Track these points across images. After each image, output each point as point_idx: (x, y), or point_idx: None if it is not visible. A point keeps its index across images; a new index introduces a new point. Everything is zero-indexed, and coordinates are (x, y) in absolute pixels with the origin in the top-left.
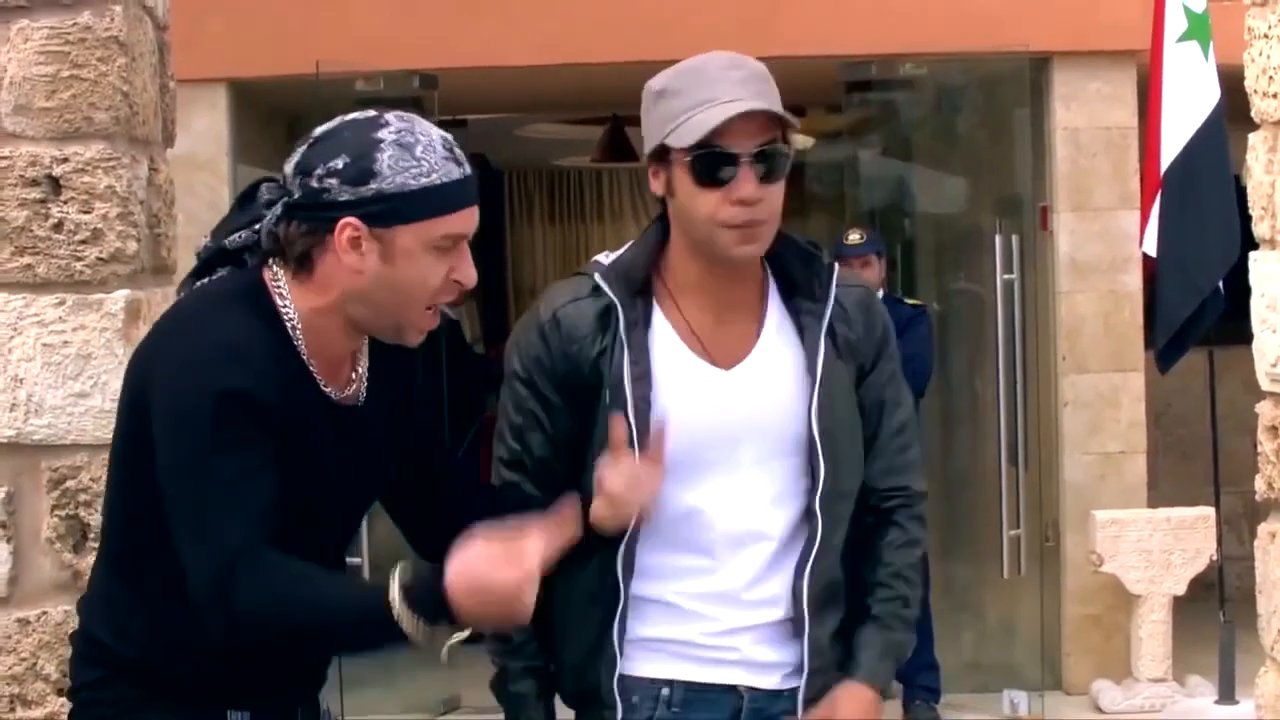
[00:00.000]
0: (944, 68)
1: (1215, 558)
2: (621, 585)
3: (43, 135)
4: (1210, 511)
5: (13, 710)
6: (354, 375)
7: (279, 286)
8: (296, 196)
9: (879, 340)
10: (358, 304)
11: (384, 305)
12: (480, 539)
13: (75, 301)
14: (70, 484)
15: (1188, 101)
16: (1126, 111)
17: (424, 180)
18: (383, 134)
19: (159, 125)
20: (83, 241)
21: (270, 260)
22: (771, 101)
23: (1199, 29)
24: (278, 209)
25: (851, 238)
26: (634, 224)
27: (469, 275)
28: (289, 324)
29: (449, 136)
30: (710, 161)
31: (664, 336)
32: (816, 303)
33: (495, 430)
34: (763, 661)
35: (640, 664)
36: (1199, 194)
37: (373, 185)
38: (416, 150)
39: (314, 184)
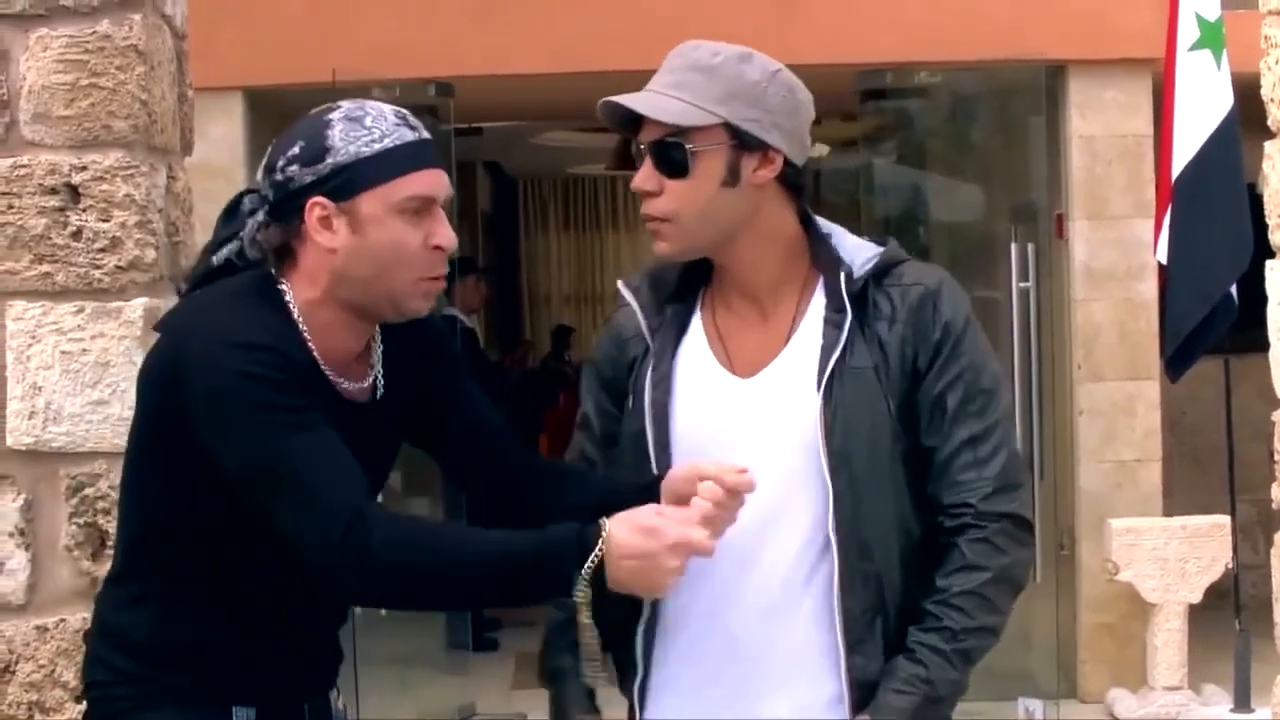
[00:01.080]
0: (959, 76)
1: (1231, 566)
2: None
3: (61, 143)
4: (1226, 520)
5: (31, 717)
6: (367, 371)
7: (282, 286)
8: (271, 197)
9: (935, 343)
10: (345, 285)
11: (368, 280)
12: (645, 509)
13: (94, 309)
14: (88, 491)
15: (1199, 110)
16: (1142, 120)
17: (376, 146)
18: (332, 115)
19: (177, 133)
20: (101, 250)
21: (271, 268)
22: (689, 95)
23: (1212, 37)
24: (259, 216)
25: None
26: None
27: (447, 238)
28: (297, 319)
29: (402, 109)
30: (634, 151)
31: (694, 342)
32: (839, 311)
33: None
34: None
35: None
36: (1210, 202)
37: (329, 160)
38: (366, 121)
39: (279, 177)
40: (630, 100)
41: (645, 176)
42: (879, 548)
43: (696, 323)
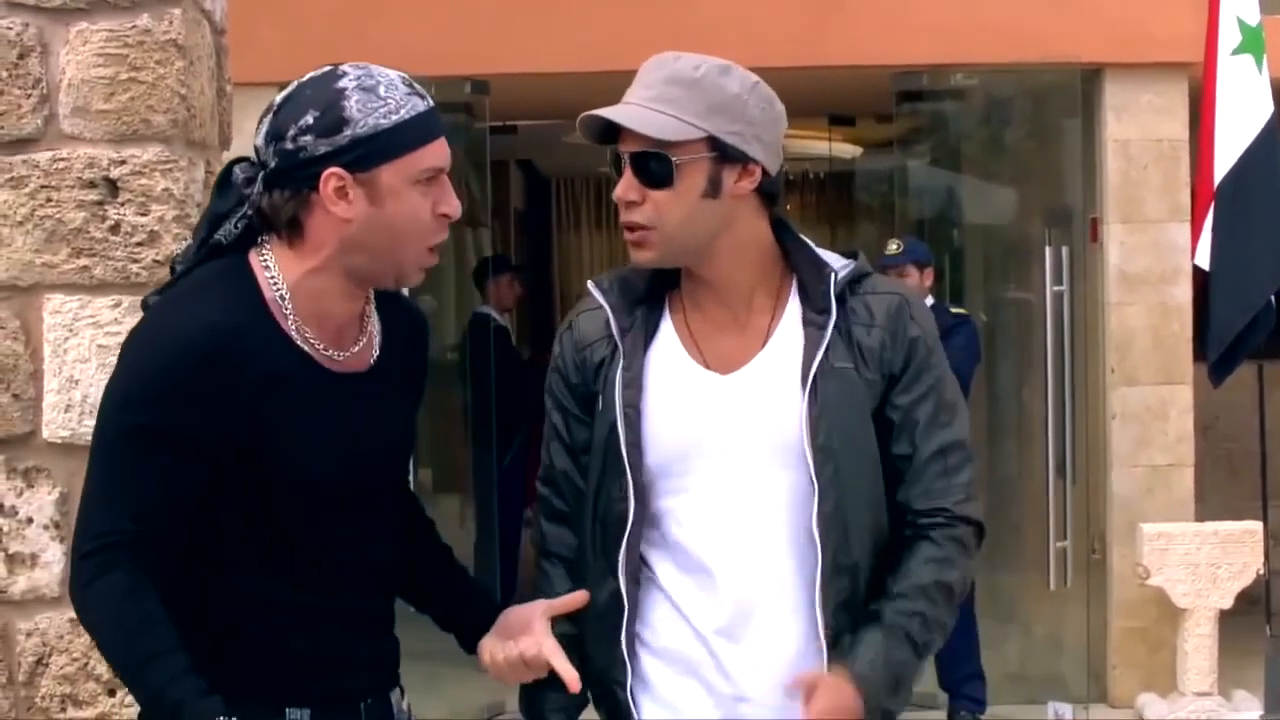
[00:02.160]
0: (995, 79)
1: (1262, 572)
2: (625, 595)
3: (100, 137)
4: (1258, 526)
5: (64, 710)
6: (362, 337)
7: (264, 261)
8: (273, 165)
9: (907, 350)
10: (355, 254)
11: (380, 249)
12: None
13: (131, 303)
14: None
15: (1241, 114)
16: (1178, 124)
17: (394, 117)
18: (343, 83)
19: (215, 128)
20: (139, 243)
21: (260, 240)
22: (673, 109)
23: (1253, 42)
24: (258, 185)
25: (890, 248)
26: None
27: (454, 206)
28: (277, 295)
29: (405, 74)
30: (612, 160)
31: (665, 343)
32: (820, 313)
33: None
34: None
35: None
36: (1252, 207)
37: (347, 132)
38: (380, 90)
39: (289, 146)
40: (614, 114)
41: (627, 187)
42: (857, 542)
43: (667, 325)
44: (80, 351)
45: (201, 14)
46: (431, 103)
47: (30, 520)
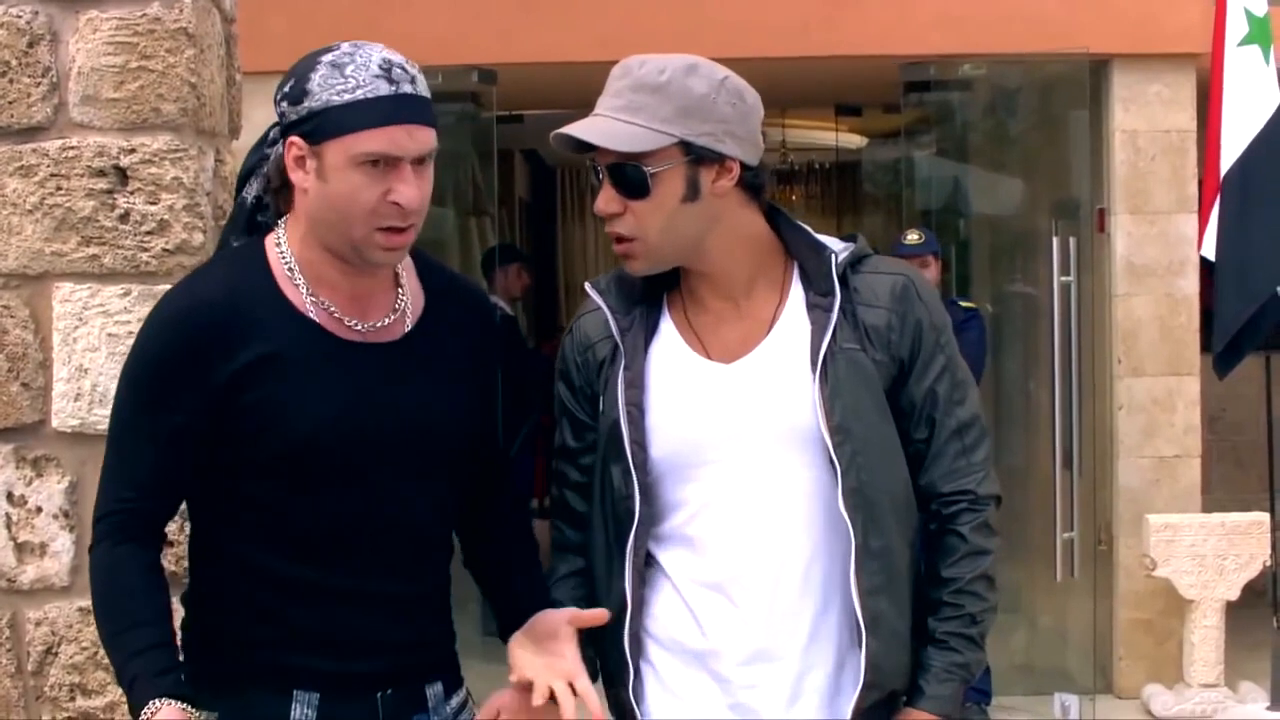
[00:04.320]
0: (1003, 69)
1: (1269, 563)
2: (629, 594)
3: (110, 126)
4: (1264, 517)
5: (73, 699)
6: (394, 311)
7: (277, 238)
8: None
9: (915, 331)
10: (317, 226)
11: (331, 224)
12: None
13: (141, 292)
14: None
15: (1249, 105)
16: (1185, 115)
17: (346, 96)
18: (325, 56)
19: (225, 117)
20: (149, 232)
21: (281, 219)
22: (640, 117)
23: (1260, 33)
24: (279, 147)
25: (910, 238)
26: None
27: (406, 196)
28: (285, 267)
29: (395, 58)
30: (591, 171)
31: (666, 339)
32: (824, 295)
33: None
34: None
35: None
36: (1258, 198)
37: (305, 103)
38: (347, 69)
39: (277, 110)
40: (580, 131)
41: (607, 199)
42: (886, 524)
43: (667, 322)
44: (90, 340)
45: (211, 2)
46: (412, 90)
47: (39, 509)
